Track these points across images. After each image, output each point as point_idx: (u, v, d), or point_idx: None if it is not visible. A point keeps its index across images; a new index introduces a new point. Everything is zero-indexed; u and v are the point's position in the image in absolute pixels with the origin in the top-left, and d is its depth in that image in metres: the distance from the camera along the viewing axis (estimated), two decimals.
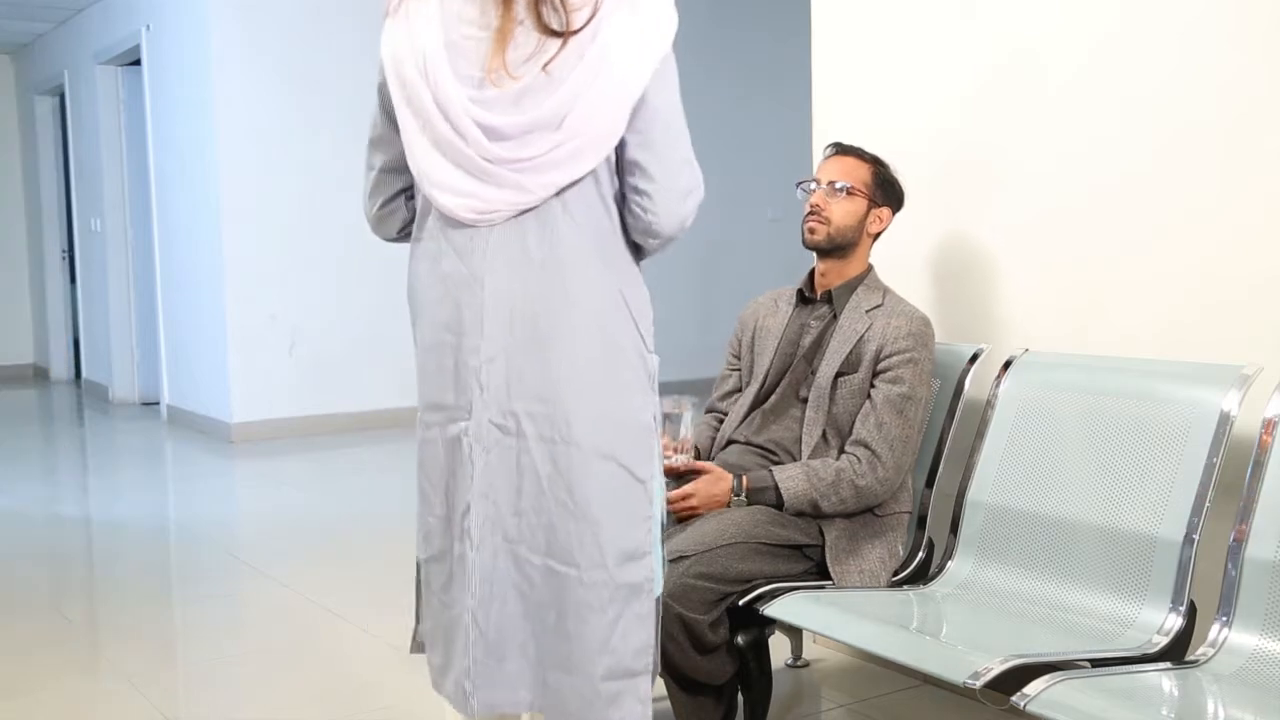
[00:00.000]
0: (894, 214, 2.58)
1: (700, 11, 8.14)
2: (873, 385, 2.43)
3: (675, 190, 1.72)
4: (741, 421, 2.58)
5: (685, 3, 1.75)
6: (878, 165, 2.56)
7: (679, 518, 2.38)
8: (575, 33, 1.63)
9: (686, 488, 2.39)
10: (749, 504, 2.38)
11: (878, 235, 2.59)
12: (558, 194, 1.68)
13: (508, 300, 1.69)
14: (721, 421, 2.68)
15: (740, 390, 2.67)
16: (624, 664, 1.72)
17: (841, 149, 2.59)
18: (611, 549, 1.70)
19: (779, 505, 2.37)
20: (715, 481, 2.40)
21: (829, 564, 2.36)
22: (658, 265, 1.87)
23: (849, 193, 2.51)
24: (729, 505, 2.38)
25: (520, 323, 1.69)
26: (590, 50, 1.63)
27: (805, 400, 2.50)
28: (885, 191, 2.56)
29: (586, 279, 1.69)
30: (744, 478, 2.40)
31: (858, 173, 2.53)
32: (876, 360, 2.44)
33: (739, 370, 2.70)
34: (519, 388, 1.69)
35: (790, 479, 2.38)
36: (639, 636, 1.73)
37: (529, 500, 1.71)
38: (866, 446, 2.39)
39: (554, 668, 1.74)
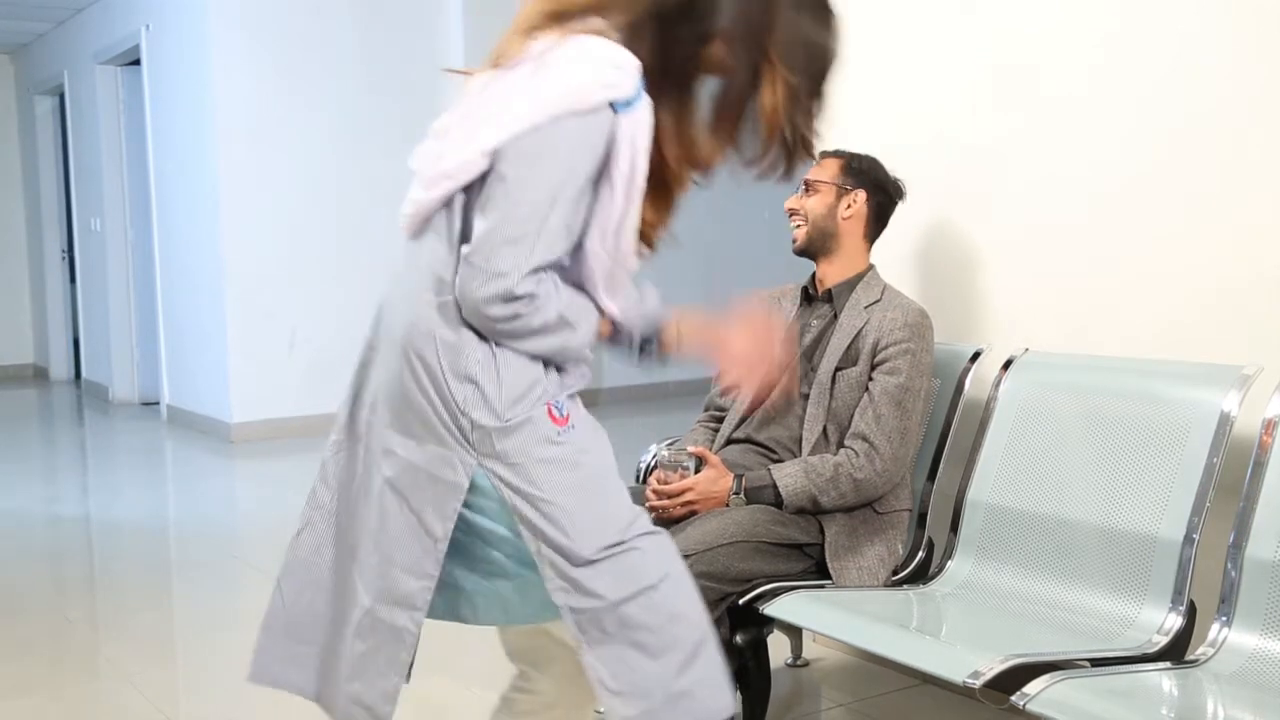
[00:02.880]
0: (871, 197, 2.56)
1: None
2: (870, 378, 2.44)
3: (481, 267, 1.52)
4: (742, 420, 2.59)
5: None
6: (848, 158, 2.59)
7: (678, 516, 2.38)
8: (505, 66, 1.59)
9: (686, 482, 2.39)
10: (748, 503, 2.38)
11: (875, 230, 2.59)
12: (428, 218, 1.66)
13: (385, 323, 1.70)
14: (718, 420, 2.68)
15: None
16: (365, 700, 1.68)
17: (822, 154, 2.63)
18: (387, 587, 1.64)
19: (778, 503, 2.37)
20: (715, 480, 2.40)
21: (828, 561, 2.36)
22: (655, 265, 1.85)
23: (814, 187, 2.55)
24: (728, 505, 2.38)
25: (387, 348, 1.68)
26: (498, 87, 1.59)
27: (806, 396, 2.50)
28: (856, 178, 2.56)
29: (413, 311, 1.63)
30: (743, 478, 2.40)
31: (825, 170, 2.58)
32: (874, 353, 2.44)
33: None
34: (380, 413, 1.67)
35: (788, 476, 2.38)
36: (388, 681, 1.68)
37: (363, 520, 1.68)
38: (864, 439, 2.39)
39: (333, 671, 1.73)
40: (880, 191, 2.58)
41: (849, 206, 2.56)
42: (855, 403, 2.44)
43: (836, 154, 2.61)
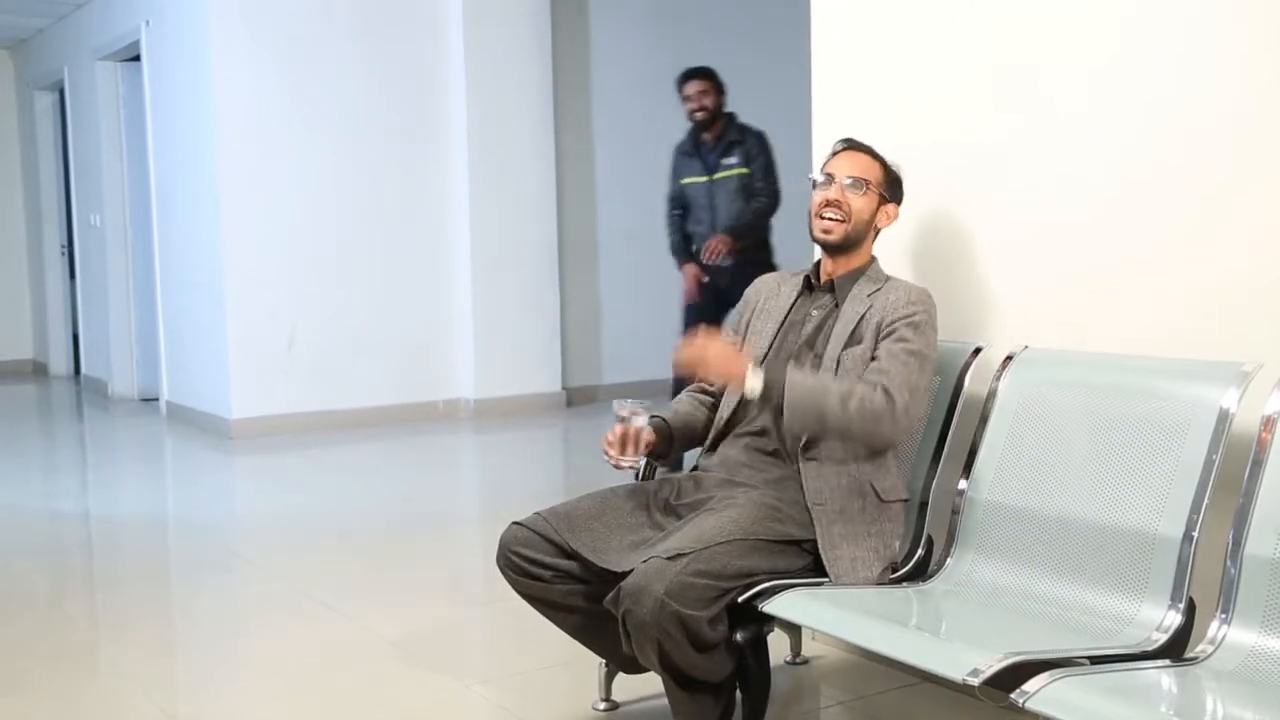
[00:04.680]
0: (898, 210, 2.59)
1: (698, 6, 8.13)
2: (876, 349, 2.41)
3: None
4: (738, 405, 2.56)
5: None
6: (884, 164, 2.57)
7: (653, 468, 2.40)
8: None
9: (704, 344, 2.39)
10: (761, 397, 2.35)
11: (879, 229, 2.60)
12: None
13: None
14: (705, 392, 2.67)
15: None
16: None
17: (853, 144, 2.58)
18: None
19: (780, 407, 2.34)
20: (733, 356, 2.39)
21: (822, 552, 2.34)
22: (655, 263, 1.85)
23: (866, 189, 2.51)
24: (744, 387, 2.35)
25: None
26: None
27: None
28: (893, 189, 2.57)
29: None
30: (765, 371, 2.36)
31: (872, 170, 2.54)
32: (879, 330, 2.42)
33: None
34: None
35: (801, 378, 2.34)
36: None
37: None
38: (880, 385, 2.34)
39: None
40: (900, 204, 2.60)
41: (886, 217, 2.57)
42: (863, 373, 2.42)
43: (870, 152, 2.57)
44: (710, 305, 5.26)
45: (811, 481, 2.39)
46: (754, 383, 2.35)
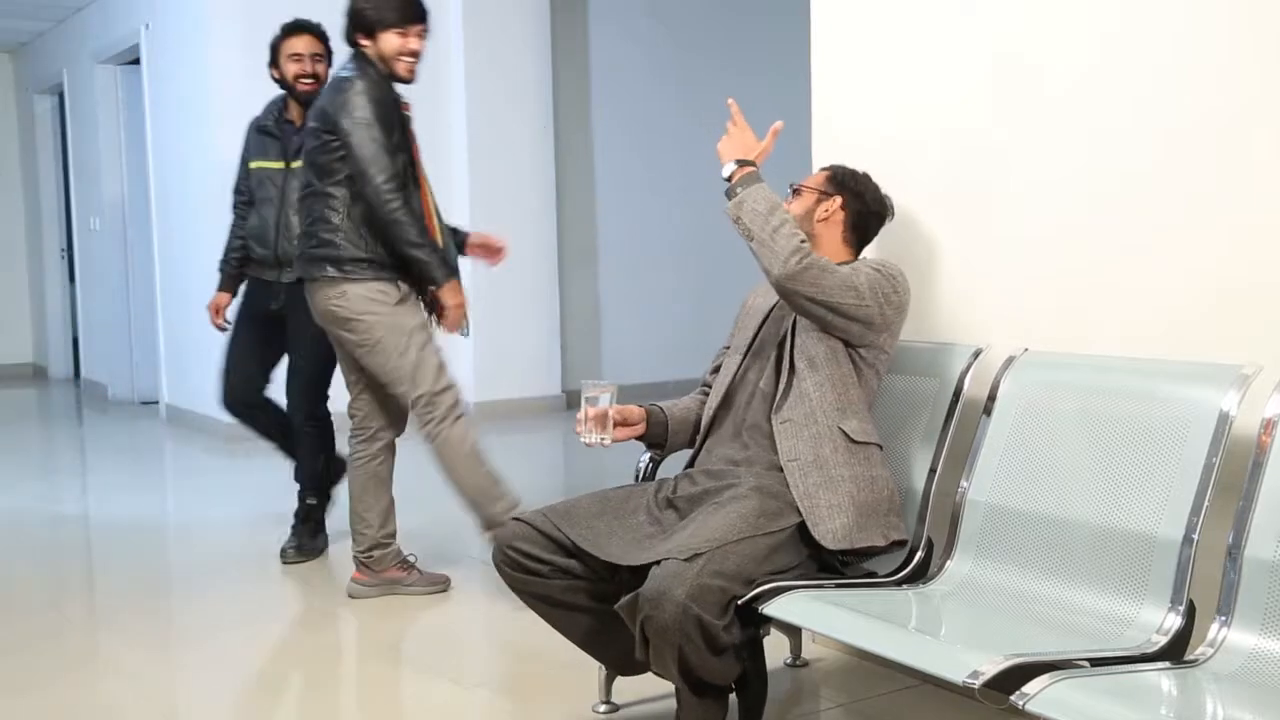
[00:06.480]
0: (848, 205, 2.65)
1: (698, 5, 8.14)
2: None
3: None
4: (727, 399, 2.60)
5: None
6: (836, 170, 2.70)
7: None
8: None
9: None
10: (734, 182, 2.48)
11: (855, 238, 2.66)
12: None
13: None
14: (708, 395, 2.70)
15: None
16: None
17: (821, 168, 2.75)
18: None
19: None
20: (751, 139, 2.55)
21: (801, 507, 2.34)
22: (655, 265, 1.85)
23: (798, 191, 2.68)
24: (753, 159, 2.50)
25: None
26: None
27: (792, 369, 2.49)
28: (837, 185, 2.67)
29: None
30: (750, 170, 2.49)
31: (813, 178, 2.70)
32: None
33: (729, 348, 2.73)
34: None
35: (770, 192, 2.45)
36: None
37: None
38: (811, 252, 2.41)
39: None
40: (858, 200, 2.66)
41: (826, 211, 2.63)
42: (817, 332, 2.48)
43: (830, 167, 2.72)
44: (255, 331, 4.44)
45: (785, 442, 2.43)
46: (737, 168, 2.50)
